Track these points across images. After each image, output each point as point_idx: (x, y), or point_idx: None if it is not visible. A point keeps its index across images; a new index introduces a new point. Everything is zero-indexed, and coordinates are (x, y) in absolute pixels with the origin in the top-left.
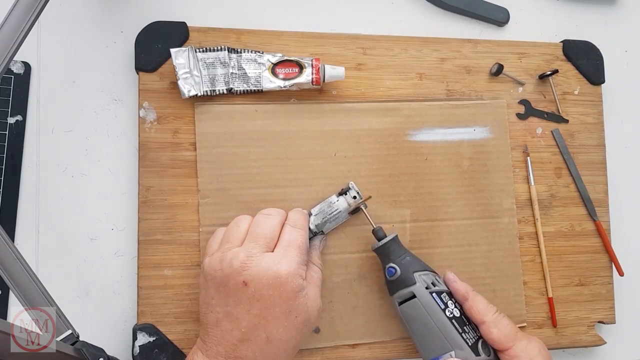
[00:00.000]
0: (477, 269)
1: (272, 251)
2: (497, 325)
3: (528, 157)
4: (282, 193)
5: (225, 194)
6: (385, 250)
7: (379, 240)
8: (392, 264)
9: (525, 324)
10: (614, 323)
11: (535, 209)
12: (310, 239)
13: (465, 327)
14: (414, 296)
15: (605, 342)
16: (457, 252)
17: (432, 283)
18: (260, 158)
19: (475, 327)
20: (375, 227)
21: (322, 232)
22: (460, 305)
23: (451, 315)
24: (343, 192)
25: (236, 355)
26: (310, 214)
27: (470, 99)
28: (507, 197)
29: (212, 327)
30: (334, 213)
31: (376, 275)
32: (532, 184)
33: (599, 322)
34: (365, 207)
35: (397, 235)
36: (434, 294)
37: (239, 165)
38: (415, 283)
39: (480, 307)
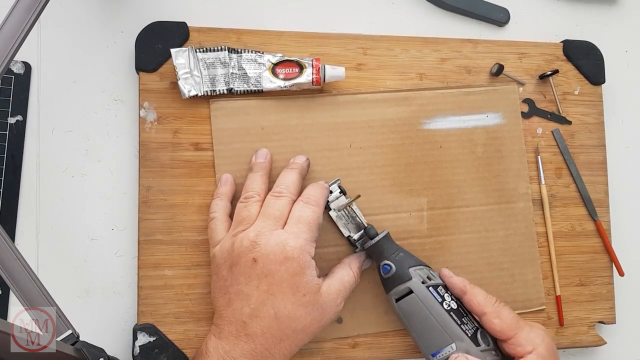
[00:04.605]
0: (495, 254)
1: (283, 228)
2: (498, 316)
3: (539, 157)
4: None
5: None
6: (379, 249)
7: (371, 238)
8: (386, 261)
9: (544, 307)
10: (614, 323)
11: (545, 208)
12: (356, 251)
13: (463, 319)
14: (411, 292)
15: (606, 342)
16: (475, 238)
17: (427, 277)
18: (276, 152)
19: (472, 318)
20: (367, 225)
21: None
22: (458, 299)
23: (449, 308)
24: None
25: (246, 333)
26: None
27: (481, 86)
28: (522, 182)
29: (224, 308)
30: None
31: None
32: (543, 182)
33: (600, 322)
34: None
35: (388, 233)
36: (430, 288)
37: None
38: (411, 278)
39: (480, 299)
